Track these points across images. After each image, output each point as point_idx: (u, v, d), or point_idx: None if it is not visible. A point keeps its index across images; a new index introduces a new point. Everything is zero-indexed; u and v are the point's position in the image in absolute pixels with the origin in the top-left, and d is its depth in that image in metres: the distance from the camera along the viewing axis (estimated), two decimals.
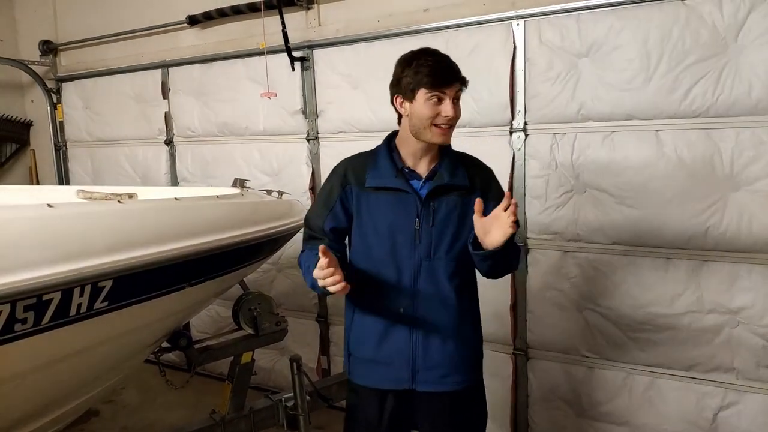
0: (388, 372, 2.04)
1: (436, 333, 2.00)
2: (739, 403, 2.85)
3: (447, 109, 1.87)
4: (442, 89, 1.87)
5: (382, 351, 2.03)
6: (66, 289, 1.73)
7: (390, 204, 1.98)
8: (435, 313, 1.99)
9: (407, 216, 1.97)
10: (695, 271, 2.86)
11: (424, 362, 2.01)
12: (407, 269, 1.98)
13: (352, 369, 2.14)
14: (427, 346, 2.00)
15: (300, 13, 3.86)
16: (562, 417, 3.29)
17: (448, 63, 1.91)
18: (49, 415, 2.11)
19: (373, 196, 2.00)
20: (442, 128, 1.89)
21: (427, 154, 1.99)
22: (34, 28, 5.33)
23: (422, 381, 2.02)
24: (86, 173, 5.17)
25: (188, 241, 2.14)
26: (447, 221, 1.97)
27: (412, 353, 2.01)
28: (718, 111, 2.69)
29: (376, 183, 1.99)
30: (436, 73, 1.88)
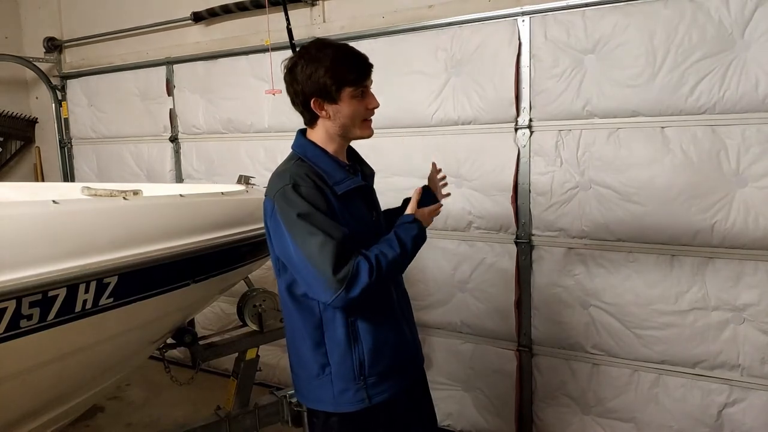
0: (402, 371, 1.96)
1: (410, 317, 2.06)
2: (744, 400, 2.84)
3: (373, 101, 1.84)
4: (364, 83, 1.83)
5: (397, 352, 1.93)
6: (71, 286, 1.74)
7: (357, 203, 1.89)
8: (404, 299, 2.04)
9: (368, 210, 1.93)
10: (701, 268, 2.85)
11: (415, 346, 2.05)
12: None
13: (372, 392, 1.88)
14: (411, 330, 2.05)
15: (304, 10, 3.85)
16: (567, 413, 3.29)
17: (360, 54, 1.83)
18: (54, 411, 2.12)
19: (344, 202, 1.84)
20: (369, 121, 1.88)
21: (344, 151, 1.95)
22: (39, 25, 5.34)
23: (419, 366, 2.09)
24: (91, 170, 5.18)
25: (193, 238, 2.15)
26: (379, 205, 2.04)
27: (412, 339, 2.04)
28: (725, 107, 2.68)
29: (345, 188, 1.84)
30: (358, 69, 1.81)
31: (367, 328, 1.86)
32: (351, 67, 1.80)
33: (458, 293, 3.46)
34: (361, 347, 1.86)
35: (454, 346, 3.55)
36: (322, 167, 1.85)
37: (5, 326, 1.61)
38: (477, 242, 3.39)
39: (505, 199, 3.22)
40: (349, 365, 1.85)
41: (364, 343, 1.86)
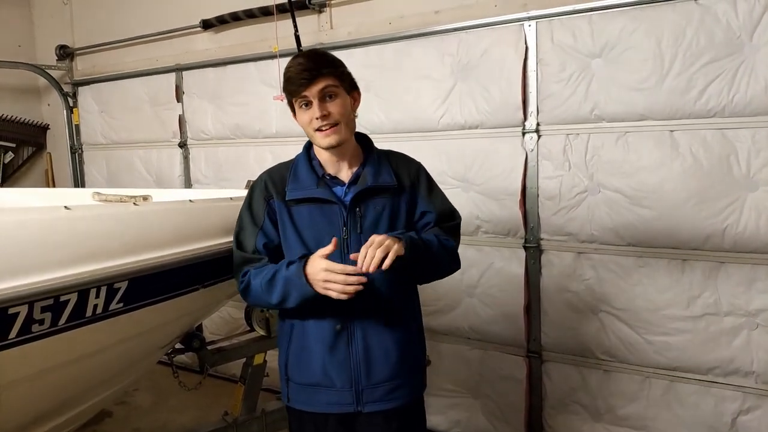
0: (331, 395, 1.90)
1: (377, 347, 1.88)
2: (759, 408, 2.81)
3: (314, 110, 1.79)
4: (302, 93, 1.80)
5: (323, 373, 1.89)
6: (82, 290, 1.75)
7: (313, 215, 1.86)
8: (374, 327, 1.88)
9: (332, 226, 1.85)
10: (712, 273, 2.83)
11: (368, 380, 1.88)
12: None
13: (292, 395, 1.98)
14: (369, 362, 1.88)
15: (312, 17, 3.87)
16: (577, 421, 3.26)
17: (302, 64, 1.79)
18: (63, 416, 2.13)
19: (295, 209, 1.88)
20: (323, 130, 1.81)
21: (343, 159, 1.90)
22: (51, 33, 5.40)
23: (369, 401, 1.89)
24: (101, 176, 5.22)
25: (202, 243, 2.15)
26: (376, 226, 1.85)
27: (354, 373, 1.88)
28: (734, 110, 2.67)
29: (297, 195, 1.88)
30: (291, 81, 1.80)
31: (298, 333, 1.93)
32: (287, 81, 1.82)
33: (466, 298, 3.45)
34: (288, 349, 1.96)
35: (462, 352, 3.53)
36: (293, 170, 1.94)
37: (17, 331, 1.62)
38: (485, 247, 3.38)
39: (513, 203, 3.21)
40: (281, 360, 2.00)
41: (291, 345, 1.96)
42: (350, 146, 1.91)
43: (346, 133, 1.85)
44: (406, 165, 1.98)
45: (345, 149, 1.89)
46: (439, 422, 3.65)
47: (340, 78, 1.83)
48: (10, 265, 1.60)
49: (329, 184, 1.89)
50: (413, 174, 1.96)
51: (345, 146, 1.88)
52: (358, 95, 1.93)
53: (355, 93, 1.91)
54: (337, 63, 1.86)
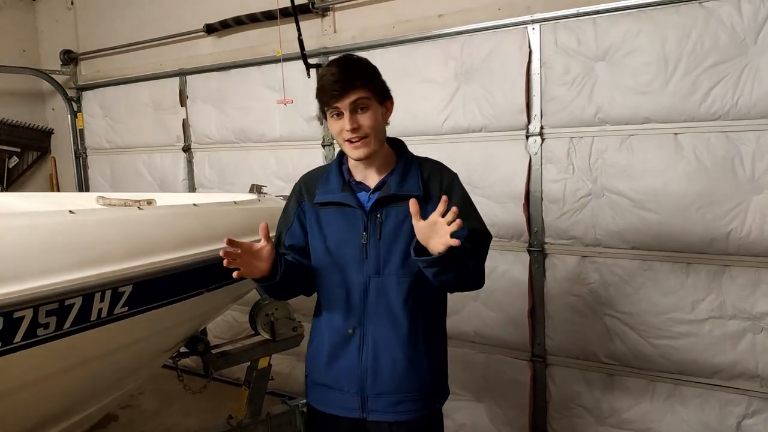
0: (339, 398, 1.93)
1: (385, 354, 1.87)
2: (763, 412, 2.80)
3: (344, 122, 1.78)
4: (334, 105, 1.79)
5: (332, 375, 1.93)
6: (87, 294, 1.75)
7: (337, 219, 1.90)
8: (385, 334, 1.87)
9: (354, 231, 1.87)
10: (717, 276, 2.82)
11: (373, 388, 1.88)
12: (356, 287, 1.88)
13: (309, 393, 2.04)
14: (376, 370, 1.87)
15: (315, 21, 3.88)
16: (582, 424, 3.25)
17: (335, 75, 1.77)
18: (68, 420, 2.13)
19: (322, 212, 1.93)
20: (353, 142, 1.80)
21: (372, 166, 1.89)
22: (55, 39, 5.43)
23: (372, 409, 1.89)
24: (105, 180, 5.24)
25: (206, 247, 2.16)
26: (396, 234, 1.84)
27: (361, 379, 1.88)
28: (739, 113, 2.66)
29: (322, 198, 1.93)
30: (324, 91, 1.80)
31: (317, 333, 2.03)
32: (322, 88, 1.81)
33: (471, 302, 3.45)
34: (309, 347, 2.06)
35: (467, 356, 3.53)
36: (326, 174, 1.98)
37: (22, 335, 1.63)
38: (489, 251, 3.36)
39: (517, 207, 3.21)
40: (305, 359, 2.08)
41: (312, 344, 2.05)
42: (380, 154, 1.89)
43: (375, 145, 1.83)
44: (438, 175, 1.93)
45: (375, 157, 1.87)
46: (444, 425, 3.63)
47: (372, 90, 1.81)
48: (15, 269, 1.61)
49: (354, 189, 1.91)
50: (445, 185, 1.90)
51: (375, 155, 1.87)
52: (391, 104, 1.92)
53: (388, 103, 1.90)
54: (371, 75, 1.84)
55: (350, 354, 1.90)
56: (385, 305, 1.86)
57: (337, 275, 1.91)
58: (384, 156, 1.91)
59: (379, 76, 1.87)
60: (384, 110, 1.87)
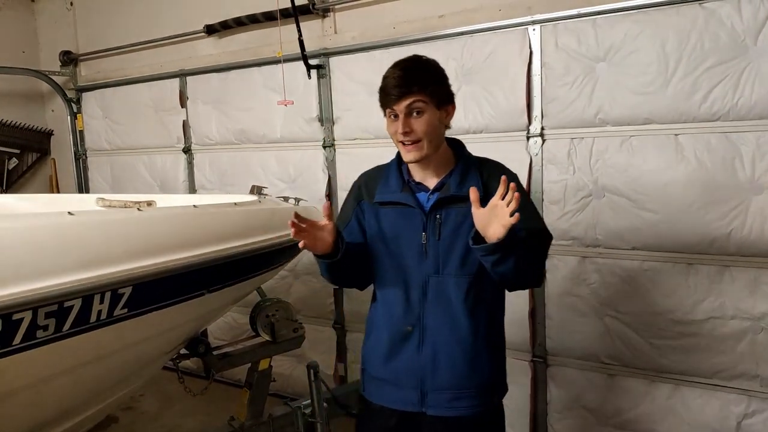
0: (397, 392, 1.96)
1: (445, 354, 1.89)
2: (764, 411, 2.80)
3: (397, 125, 1.81)
4: (391, 106, 1.82)
5: (391, 370, 1.96)
6: (86, 296, 1.75)
7: (396, 218, 1.92)
8: (444, 333, 1.89)
9: (413, 230, 1.89)
10: (717, 277, 2.82)
11: (432, 384, 1.90)
12: (415, 286, 1.90)
13: (365, 384, 2.09)
14: (436, 367, 1.90)
15: (316, 22, 3.88)
16: (583, 425, 3.25)
17: (397, 76, 1.81)
18: (68, 422, 2.13)
19: (381, 211, 1.96)
20: (405, 145, 1.83)
21: (429, 167, 1.90)
22: (54, 39, 5.42)
23: (432, 405, 1.91)
24: (105, 181, 5.23)
25: (207, 248, 2.16)
26: (456, 234, 1.86)
27: (420, 375, 1.91)
28: (739, 114, 2.66)
29: (382, 198, 1.95)
30: (383, 92, 1.83)
31: (375, 327, 2.04)
32: (383, 90, 1.84)
33: None
34: (367, 341, 2.08)
35: None
36: (385, 173, 2.00)
37: (21, 336, 1.62)
38: None
39: None
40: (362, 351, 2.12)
41: (370, 338, 2.07)
42: (436, 157, 1.89)
43: (428, 150, 1.83)
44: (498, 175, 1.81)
45: (431, 159, 1.88)
46: None
47: (430, 95, 1.80)
48: (15, 270, 1.61)
49: (413, 189, 1.93)
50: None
51: (429, 158, 1.87)
52: (452, 108, 1.90)
53: (449, 107, 1.88)
54: (431, 79, 1.83)
55: (409, 350, 1.92)
56: (443, 305, 1.88)
57: (397, 273, 1.93)
58: (442, 157, 1.91)
59: (440, 80, 1.87)
60: (443, 114, 1.86)
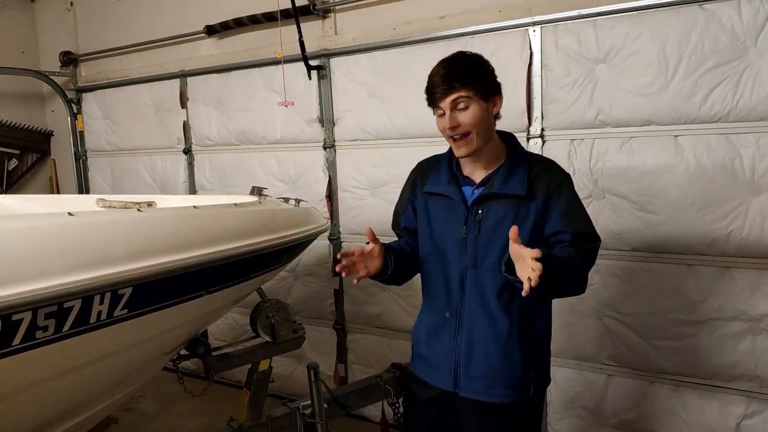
0: (435, 372, 2.06)
1: (479, 344, 1.95)
2: (763, 412, 2.80)
3: (444, 121, 1.86)
4: (437, 104, 1.87)
5: (431, 351, 2.07)
6: (86, 297, 1.75)
7: (442, 210, 2.00)
8: (479, 325, 1.94)
9: (456, 223, 1.95)
10: (717, 278, 2.82)
11: (465, 371, 1.98)
12: (454, 277, 1.98)
13: (413, 359, 2.19)
14: (469, 355, 1.97)
15: (316, 22, 3.88)
16: (582, 425, 3.25)
17: (441, 74, 1.86)
18: (68, 423, 2.13)
19: (430, 201, 2.05)
20: (455, 140, 1.88)
21: (479, 161, 1.94)
22: (54, 40, 5.43)
23: (465, 388, 1.99)
24: (106, 182, 5.23)
25: (207, 249, 2.15)
26: (495, 230, 1.88)
27: (455, 360, 1.99)
28: (738, 115, 2.66)
29: (430, 188, 2.04)
30: (428, 91, 1.89)
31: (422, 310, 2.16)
32: (428, 88, 1.91)
33: None
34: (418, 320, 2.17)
35: None
36: (438, 164, 2.07)
37: (21, 337, 1.62)
38: None
39: None
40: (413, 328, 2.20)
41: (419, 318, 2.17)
42: (487, 150, 1.92)
43: (478, 142, 1.87)
44: (547, 175, 1.92)
45: (481, 153, 1.92)
46: None
47: (474, 88, 1.84)
48: (14, 271, 1.60)
49: (460, 183, 1.99)
50: (552, 186, 1.90)
51: (480, 151, 1.90)
52: (500, 99, 1.93)
53: (496, 98, 1.91)
54: (473, 73, 1.86)
55: (447, 336, 2.01)
56: (479, 298, 1.94)
57: (439, 263, 2.01)
58: (492, 151, 1.94)
59: (483, 74, 1.89)
60: (490, 105, 1.89)
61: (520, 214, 1.88)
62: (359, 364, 4.03)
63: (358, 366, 4.03)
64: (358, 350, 4.03)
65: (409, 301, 3.69)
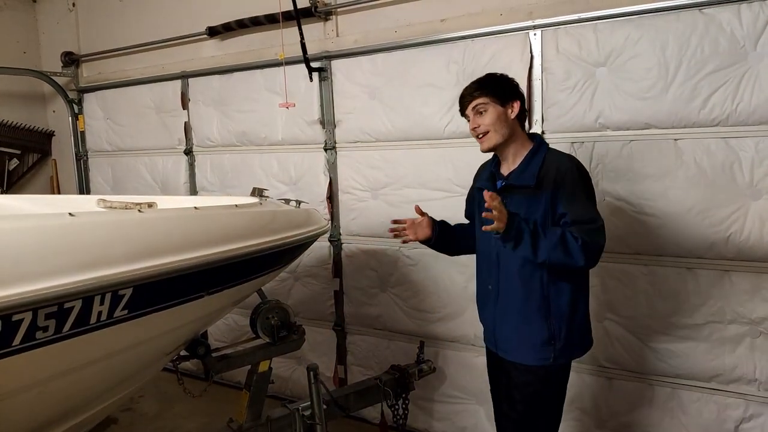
0: (487, 333, 2.54)
1: (509, 310, 2.36)
2: (761, 415, 2.80)
3: (470, 124, 2.35)
4: (464, 112, 2.38)
5: (482, 317, 2.55)
6: (87, 297, 1.75)
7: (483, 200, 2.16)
8: (509, 293, 2.35)
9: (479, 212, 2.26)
10: (716, 281, 2.82)
11: (500, 334, 2.42)
12: (492, 256, 2.37)
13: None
14: (503, 319, 2.39)
15: (318, 24, 3.89)
16: (580, 428, 3.25)
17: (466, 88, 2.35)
18: (68, 423, 2.13)
19: (477, 194, 2.40)
20: (478, 138, 2.34)
21: (506, 158, 2.36)
22: (56, 40, 5.44)
23: (500, 348, 2.44)
24: (107, 183, 5.24)
25: (207, 250, 2.15)
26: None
27: (494, 324, 2.44)
28: (738, 119, 2.67)
29: (477, 185, 2.50)
30: (459, 103, 2.39)
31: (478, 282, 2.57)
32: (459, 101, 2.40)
33: (471, 305, 3.42)
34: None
35: (468, 359, 3.53)
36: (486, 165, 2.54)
37: (21, 337, 1.62)
38: None
39: None
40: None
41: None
42: (510, 147, 2.33)
43: (496, 139, 2.30)
44: (556, 166, 2.26)
45: (504, 151, 2.35)
46: (445, 428, 3.65)
47: (490, 96, 2.28)
48: (15, 271, 1.60)
49: (496, 178, 2.40)
50: (559, 176, 2.22)
51: (503, 148, 2.34)
52: (517, 104, 2.31)
53: (513, 103, 2.31)
54: (491, 85, 2.31)
55: (490, 303, 2.45)
56: (508, 273, 2.34)
57: (483, 244, 2.45)
58: (517, 149, 2.34)
59: (500, 83, 2.33)
60: (508, 109, 2.30)
61: (533, 203, 2.22)
62: (359, 366, 4.03)
63: (358, 368, 4.03)
64: (358, 352, 4.03)
65: (409, 303, 3.69)
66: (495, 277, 2.39)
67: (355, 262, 3.92)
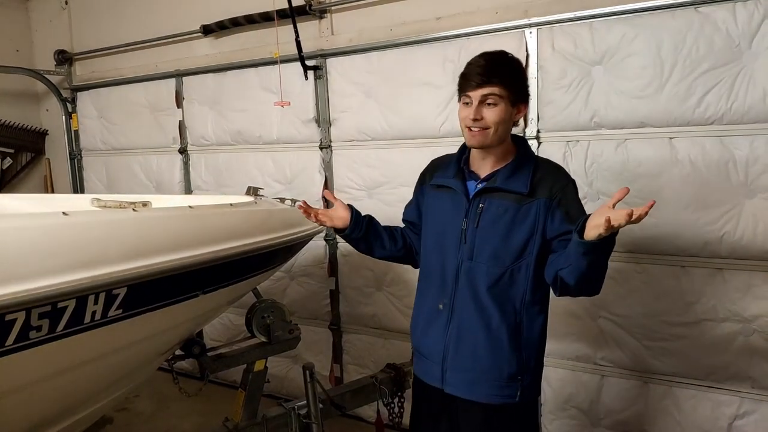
0: (426, 365, 2.09)
1: (468, 337, 1.97)
2: (755, 413, 2.82)
3: (469, 111, 1.90)
4: (468, 92, 1.90)
5: (424, 343, 2.09)
6: (80, 297, 1.74)
7: (445, 202, 2.04)
8: (469, 317, 1.97)
9: (456, 215, 2.00)
10: (710, 279, 2.84)
11: (452, 363, 2.00)
12: (450, 268, 2.00)
13: (413, 355, 2.23)
14: (458, 347, 1.99)
15: (313, 23, 3.88)
16: (575, 426, 3.26)
17: (481, 65, 1.89)
18: (62, 423, 2.12)
19: (433, 194, 2.11)
20: (471, 131, 1.91)
21: (488, 157, 1.99)
22: (49, 38, 5.41)
23: (450, 383, 2.01)
24: (101, 182, 5.22)
25: (202, 249, 2.15)
26: (494, 224, 1.94)
27: (443, 351, 2.01)
28: (733, 118, 2.68)
29: (437, 181, 2.11)
30: (464, 77, 1.92)
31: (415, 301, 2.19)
32: (464, 75, 1.93)
33: None
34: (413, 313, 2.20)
35: None
36: (448, 160, 2.14)
37: (15, 337, 1.61)
38: None
39: None
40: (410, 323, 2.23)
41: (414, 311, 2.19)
42: (498, 148, 1.97)
43: (493, 139, 1.92)
44: (552, 178, 1.97)
45: (491, 150, 1.97)
46: None
47: (507, 89, 1.89)
48: (8, 271, 1.60)
49: (465, 177, 2.04)
50: (556, 190, 1.94)
51: (490, 148, 1.96)
52: (524, 108, 1.98)
53: (521, 105, 1.96)
54: (512, 75, 1.92)
55: (439, 327, 2.03)
56: (472, 290, 1.96)
57: (438, 255, 2.06)
58: (502, 151, 1.99)
59: (520, 79, 1.96)
60: (515, 111, 1.94)
61: (521, 212, 1.92)
62: (355, 365, 4.03)
63: (354, 366, 4.03)
64: (354, 351, 4.03)
65: (404, 301, 3.69)
66: (450, 294, 2.00)
67: (350, 262, 3.92)
